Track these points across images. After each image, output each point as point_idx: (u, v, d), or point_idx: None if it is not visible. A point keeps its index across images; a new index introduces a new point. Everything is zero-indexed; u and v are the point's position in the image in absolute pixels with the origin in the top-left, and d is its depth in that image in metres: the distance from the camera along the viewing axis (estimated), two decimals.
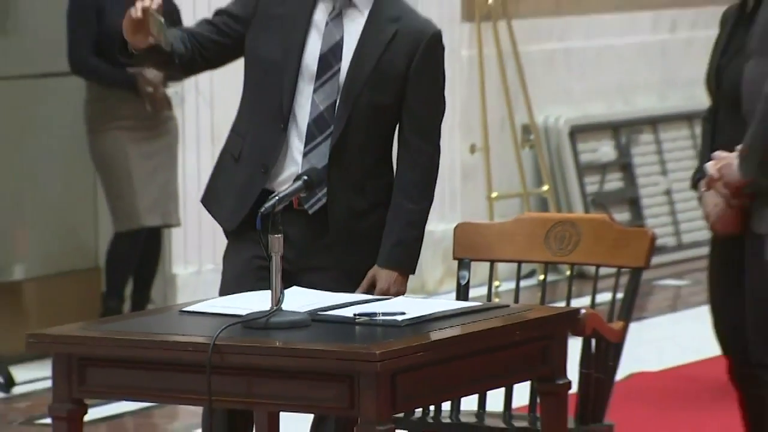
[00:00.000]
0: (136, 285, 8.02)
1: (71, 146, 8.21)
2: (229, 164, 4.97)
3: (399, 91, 4.85)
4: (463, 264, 5.08)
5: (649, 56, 10.54)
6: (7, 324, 7.77)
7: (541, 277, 4.94)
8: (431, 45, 4.88)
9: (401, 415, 4.60)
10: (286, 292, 4.33)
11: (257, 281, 4.72)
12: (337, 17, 4.89)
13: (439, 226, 9.16)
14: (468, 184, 9.47)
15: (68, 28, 7.83)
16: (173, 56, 4.77)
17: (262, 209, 4.30)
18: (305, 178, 4.49)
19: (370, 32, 4.88)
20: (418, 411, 4.85)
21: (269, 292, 4.25)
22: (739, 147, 4.55)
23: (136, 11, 4.51)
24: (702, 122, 5.62)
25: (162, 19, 4.55)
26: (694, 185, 5.06)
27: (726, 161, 4.63)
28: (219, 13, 4.96)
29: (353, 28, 4.89)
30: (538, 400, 4.59)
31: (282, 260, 4.22)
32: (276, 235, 4.23)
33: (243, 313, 4.27)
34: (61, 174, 8.40)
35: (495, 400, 4.85)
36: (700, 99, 8.42)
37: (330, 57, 4.87)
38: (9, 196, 8.52)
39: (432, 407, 4.87)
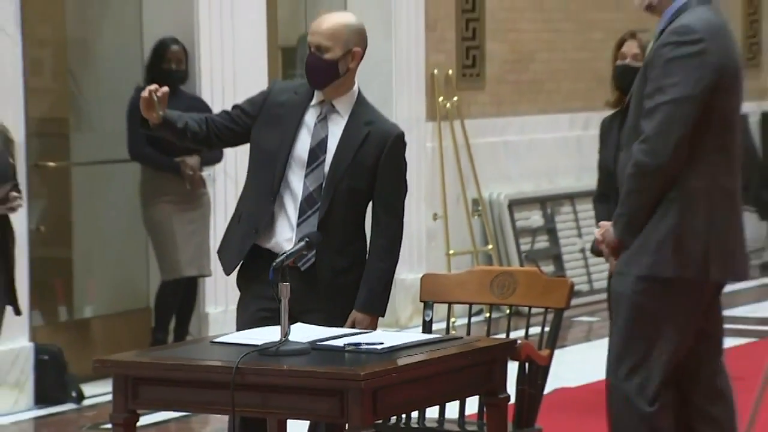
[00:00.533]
0: (177, 321, 7.99)
1: (130, 215, 8.19)
2: (234, 224, 5.00)
3: (371, 178, 4.85)
4: (428, 305, 5.08)
5: (568, 148, 10.54)
6: (79, 351, 7.69)
7: (487, 315, 4.92)
8: (395, 143, 4.89)
9: (380, 421, 4.54)
10: (292, 327, 4.32)
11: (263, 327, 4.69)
12: (323, 120, 4.89)
13: (410, 275, 9.10)
14: (431, 243, 9.45)
15: (127, 124, 7.83)
16: (186, 131, 4.82)
17: (275, 263, 4.35)
18: (307, 239, 4.54)
19: (349, 132, 4.88)
20: (393, 418, 4.82)
21: (278, 327, 4.24)
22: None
23: (144, 92, 4.64)
24: (594, 202, 5.61)
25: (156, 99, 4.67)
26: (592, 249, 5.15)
27: (606, 228, 4.63)
28: (235, 107, 4.99)
29: (336, 129, 4.88)
30: (485, 409, 4.57)
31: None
32: (284, 283, 4.24)
33: (259, 343, 4.27)
34: (122, 236, 8.37)
35: (452, 409, 4.81)
36: None
37: (317, 150, 4.86)
38: (82, 253, 8.48)
39: (404, 415, 4.84)
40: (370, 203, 4.92)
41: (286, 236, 4.83)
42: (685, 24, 4.44)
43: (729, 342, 8.32)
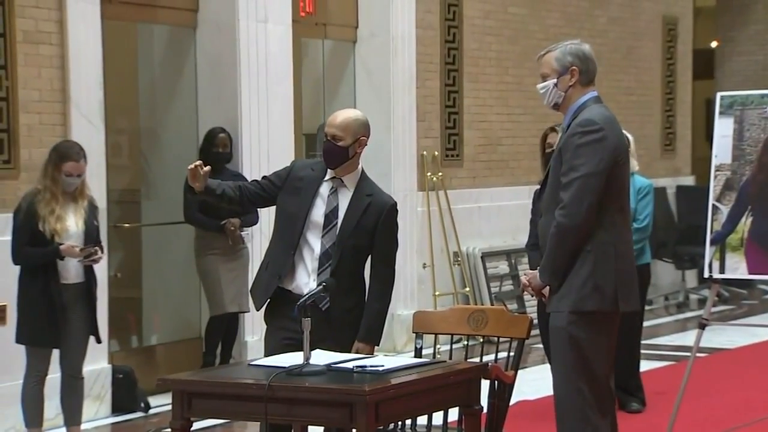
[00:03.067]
0: (222, 348, 7.94)
1: (185, 264, 8.16)
2: (262, 270, 5.03)
3: (371, 238, 4.91)
4: (419, 335, 5.06)
5: (527, 212, 10.49)
6: (147, 371, 7.64)
7: (465, 343, 4.89)
8: (390, 212, 4.95)
9: (381, 427, 4.52)
10: (312, 352, 4.30)
11: (285, 351, 4.72)
12: (334, 192, 4.94)
13: (404, 311, 9.07)
14: (421, 286, 9.41)
15: (184, 195, 7.80)
16: (223, 196, 4.94)
17: (299, 303, 4.34)
18: (324, 284, 4.55)
19: (354, 203, 4.93)
20: (391, 425, 4.80)
21: (301, 353, 4.25)
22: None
23: (191, 165, 4.83)
24: (527, 249, 5.56)
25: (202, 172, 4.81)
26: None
27: (532, 275, 4.67)
28: (264, 177, 5.06)
29: (344, 200, 4.94)
30: (463, 418, 4.54)
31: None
32: (306, 318, 4.25)
33: (287, 365, 4.27)
34: (179, 281, 8.35)
35: (437, 418, 4.79)
36: None
37: (331, 216, 4.91)
38: (149, 294, 8.44)
39: (399, 423, 4.80)
40: (369, 257, 4.96)
41: (304, 281, 4.88)
42: (587, 118, 4.51)
43: (652, 365, 8.38)
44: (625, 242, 4.61)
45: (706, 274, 5.04)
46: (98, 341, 6.33)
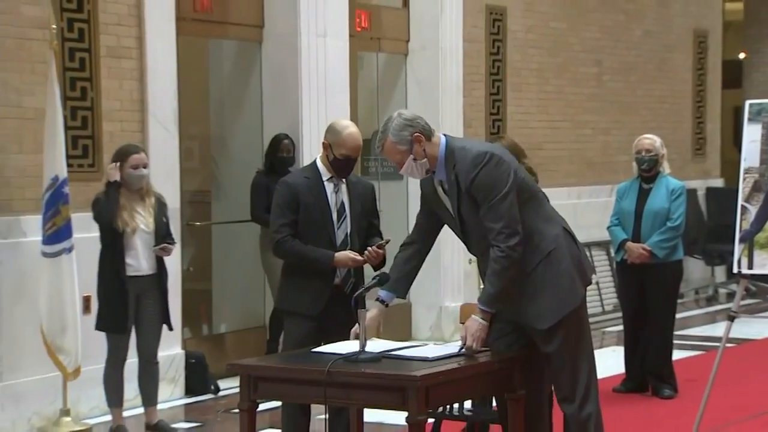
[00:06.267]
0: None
1: (251, 259, 8.21)
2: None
3: (368, 218, 5.07)
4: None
5: (565, 212, 10.46)
6: (216, 357, 7.66)
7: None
8: (374, 194, 5.13)
9: (431, 410, 4.52)
10: (369, 342, 4.28)
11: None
12: (337, 191, 5.02)
13: (452, 303, 9.08)
14: (467, 280, 9.39)
15: (251, 197, 7.88)
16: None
17: (356, 294, 4.37)
18: (379, 278, 4.50)
19: (353, 194, 5.04)
20: (440, 408, 4.80)
21: (356, 342, 4.27)
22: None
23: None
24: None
25: None
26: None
27: (469, 327, 4.24)
28: (293, 220, 5.00)
29: (344, 193, 5.01)
30: (507, 402, 4.45)
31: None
32: (362, 309, 4.23)
33: (344, 352, 4.24)
34: (246, 274, 8.38)
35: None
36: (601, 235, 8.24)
37: (342, 210, 5.00)
38: (219, 286, 8.48)
39: (447, 406, 4.81)
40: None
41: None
42: (472, 155, 4.17)
43: (684, 354, 8.31)
44: (553, 224, 4.29)
45: (735, 270, 5.00)
46: (170, 329, 6.40)
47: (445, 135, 4.31)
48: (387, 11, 9.35)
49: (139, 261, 6.11)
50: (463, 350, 4.23)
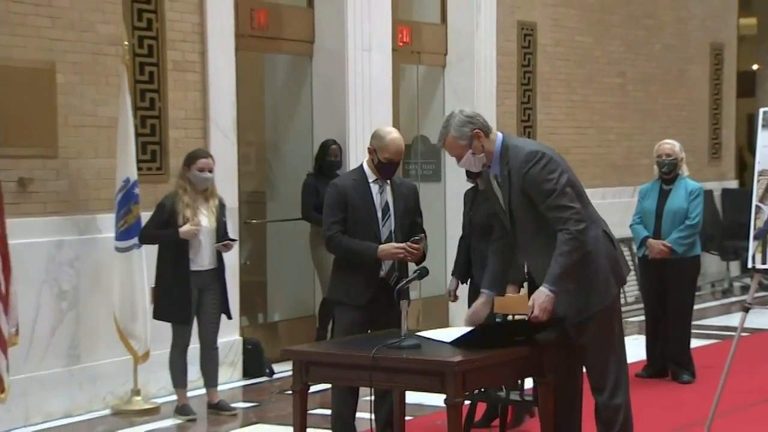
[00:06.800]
0: (333, 324, 7.96)
1: (302, 254, 8.22)
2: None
3: (412, 216, 5.08)
4: (498, 315, 5.02)
5: None
6: (272, 343, 7.69)
7: None
8: (417, 194, 5.21)
9: (467, 393, 4.51)
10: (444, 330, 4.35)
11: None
12: (382, 192, 5.02)
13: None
14: None
15: (302, 197, 7.90)
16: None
17: (399, 287, 4.37)
18: (419, 271, 4.49)
19: (397, 194, 5.06)
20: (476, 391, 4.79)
21: (450, 329, 4.34)
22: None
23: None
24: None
25: None
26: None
27: (535, 300, 4.14)
28: (342, 219, 5.02)
29: (389, 194, 5.00)
30: (537, 386, 4.49)
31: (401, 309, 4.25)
32: (404, 300, 4.24)
33: (446, 339, 4.25)
34: (297, 268, 8.38)
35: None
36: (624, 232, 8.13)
37: (387, 209, 4.99)
38: (273, 279, 8.46)
39: (482, 389, 4.79)
40: None
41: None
42: (525, 153, 4.15)
43: (701, 342, 8.25)
44: (594, 225, 4.24)
45: (750, 265, 4.97)
46: (229, 318, 6.44)
47: (501, 133, 4.30)
48: (426, 27, 9.35)
49: (201, 257, 6.16)
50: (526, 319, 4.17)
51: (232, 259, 6.78)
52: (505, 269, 4.45)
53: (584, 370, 4.36)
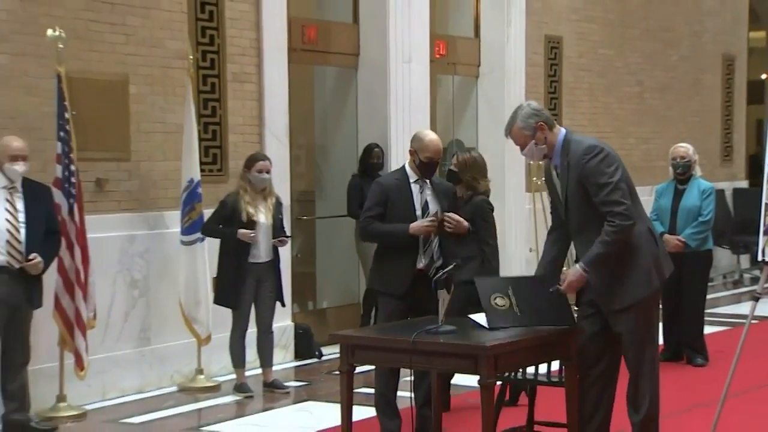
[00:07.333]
0: (376, 311, 7.95)
1: (348, 247, 8.24)
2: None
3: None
4: None
5: None
6: (320, 328, 7.72)
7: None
8: (453, 193, 5.13)
9: (499, 374, 4.49)
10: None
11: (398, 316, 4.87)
12: (422, 191, 4.99)
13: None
14: (528, 267, 9.30)
15: (348, 196, 7.90)
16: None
17: (436, 278, 4.36)
18: (456, 263, 4.48)
19: (436, 192, 5.01)
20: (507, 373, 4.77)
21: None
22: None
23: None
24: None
25: None
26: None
27: (571, 274, 4.15)
28: (379, 214, 4.98)
29: (429, 193, 4.97)
30: (563, 368, 4.44)
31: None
32: (442, 290, 4.22)
33: (427, 326, 4.20)
34: (343, 260, 8.41)
35: (542, 368, 4.73)
36: None
37: (426, 207, 4.95)
38: (321, 270, 8.50)
39: (513, 371, 4.77)
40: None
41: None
42: (585, 146, 4.10)
43: (713, 329, 8.17)
44: (641, 222, 4.18)
45: (759, 258, 4.90)
46: (282, 305, 6.47)
47: (565, 128, 4.24)
48: (461, 41, 9.34)
49: (259, 250, 6.20)
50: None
51: (285, 252, 6.82)
52: (560, 259, 4.39)
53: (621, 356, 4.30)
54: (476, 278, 4.24)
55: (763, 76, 14.61)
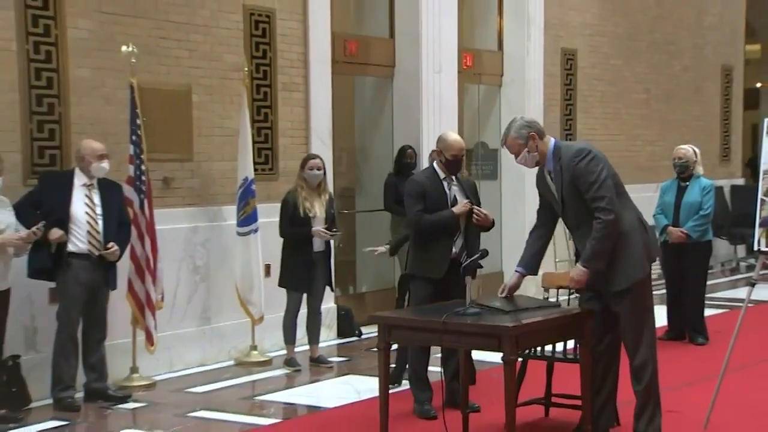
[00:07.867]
0: (408, 295, 7.95)
1: (384, 238, 8.07)
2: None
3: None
4: (546, 289, 5.03)
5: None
6: (360, 310, 7.73)
7: (578, 295, 4.77)
8: (477, 188, 5.09)
9: (520, 352, 4.49)
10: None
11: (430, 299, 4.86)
12: (450, 187, 4.99)
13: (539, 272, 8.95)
14: (547, 254, 9.22)
15: (384, 193, 7.89)
16: None
17: (465, 264, 4.33)
18: (483, 252, 4.48)
19: (463, 187, 5.01)
20: (527, 351, 4.77)
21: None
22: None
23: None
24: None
25: None
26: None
27: (574, 272, 4.18)
28: (421, 207, 4.95)
29: (456, 188, 4.99)
30: (578, 346, 4.46)
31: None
32: (469, 276, 4.22)
33: (456, 309, 4.20)
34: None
35: (558, 346, 4.73)
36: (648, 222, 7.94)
37: (455, 201, 4.97)
38: (361, 258, 8.45)
39: (533, 349, 4.77)
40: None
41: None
42: (574, 150, 4.12)
43: (713, 311, 8.10)
44: (630, 212, 4.19)
45: (755, 248, 4.86)
46: (332, 290, 6.52)
47: (554, 138, 4.28)
48: (486, 53, 9.31)
49: (315, 241, 6.23)
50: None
51: (332, 243, 6.84)
52: (541, 253, 4.41)
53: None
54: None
55: (758, 85, 14.45)
